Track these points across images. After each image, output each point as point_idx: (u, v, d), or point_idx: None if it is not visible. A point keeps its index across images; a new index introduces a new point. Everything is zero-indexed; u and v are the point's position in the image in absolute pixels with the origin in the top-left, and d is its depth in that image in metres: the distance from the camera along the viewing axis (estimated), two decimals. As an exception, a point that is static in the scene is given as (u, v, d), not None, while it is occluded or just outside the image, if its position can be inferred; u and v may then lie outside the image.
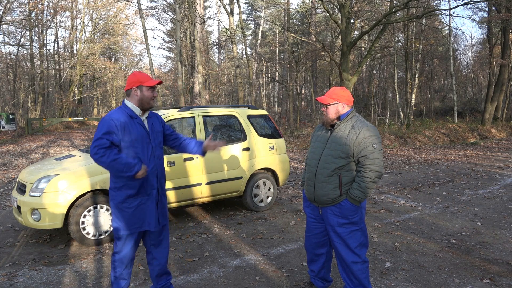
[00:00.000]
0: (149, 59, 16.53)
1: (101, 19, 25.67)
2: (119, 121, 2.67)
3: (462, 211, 5.69)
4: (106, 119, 2.67)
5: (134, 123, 2.74)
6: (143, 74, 2.81)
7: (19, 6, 20.43)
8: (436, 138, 16.57)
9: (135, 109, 2.78)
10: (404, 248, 4.20)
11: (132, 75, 2.81)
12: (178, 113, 5.16)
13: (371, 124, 2.85)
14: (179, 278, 3.52)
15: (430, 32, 21.89)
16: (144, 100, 2.77)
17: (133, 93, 2.77)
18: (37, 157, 11.39)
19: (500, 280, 3.41)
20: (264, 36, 33.81)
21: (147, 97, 2.77)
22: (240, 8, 17.44)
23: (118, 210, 2.76)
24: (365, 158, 2.71)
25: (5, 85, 25.03)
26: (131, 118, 2.74)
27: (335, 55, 20.12)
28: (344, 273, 2.91)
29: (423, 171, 9.20)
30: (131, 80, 2.77)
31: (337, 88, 2.91)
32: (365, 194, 2.74)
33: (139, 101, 2.77)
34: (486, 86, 23.78)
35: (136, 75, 2.79)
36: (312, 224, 3.06)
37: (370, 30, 14.57)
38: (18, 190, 4.51)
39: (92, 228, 4.35)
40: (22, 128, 17.35)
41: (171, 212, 5.79)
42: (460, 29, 41.23)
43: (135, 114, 2.77)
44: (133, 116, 2.75)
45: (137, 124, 2.75)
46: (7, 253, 4.24)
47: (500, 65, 19.38)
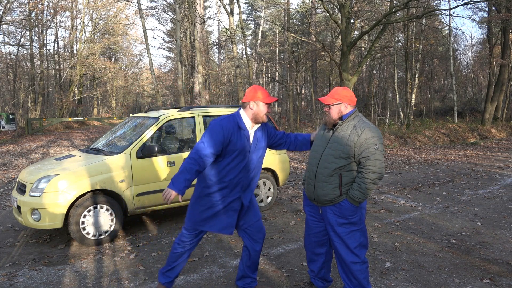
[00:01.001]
0: (149, 59, 16.53)
1: (101, 19, 25.67)
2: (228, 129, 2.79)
3: (462, 211, 5.70)
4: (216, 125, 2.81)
5: (241, 135, 2.83)
6: (263, 90, 2.88)
7: (19, 6, 20.43)
8: (436, 138, 16.57)
9: (246, 121, 2.89)
10: (404, 248, 4.20)
11: (252, 89, 2.89)
12: (178, 113, 5.16)
13: (373, 125, 2.84)
14: (179, 278, 3.52)
15: (430, 32, 21.89)
16: (260, 114, 2.87)
17: (249, 106, 2.86)
18: (37, 157, 11.39)
19: (500, 280, 3.41)
20: (264, 36, 33.81)
21: (262, 112, 2.86)
22: (240, 8, 17.44)
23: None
24: (366, 159, 2.71)
25: (5, 85, 25.02)
26: (239, 129, 2.84)
27: (335, 55, 20.11)
28: (343, 273, 2.91)
29: (423, 171, 9.20)
30: (250, 94, 2.87)
31: (339, 88, 2.90)
32: (365, 195, 2.74)
33: (254, 114, 2.87)
34: (486, 86, 23.79)
35: (256, 90, 2.87)
36: (312, 223, 3.06)
37: (370, 30, 14.57)
38: (18, 190, 4.52)
39: (92, 228, 4.35)
40: (22, 128, 17.34)
41: (171, 212, 5.79)
42: (460, 29, 41.28)
43: (244, 126, 2.86)
44: (242, 127, 2.85)
45: (243, 137, 2.84)
46: (7, 253, 4.24)
47: (500, 65, 19.38)
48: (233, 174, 2.84)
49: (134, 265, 3.84)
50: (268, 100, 2.85)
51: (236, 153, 2.81)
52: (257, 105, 2.84)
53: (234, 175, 2.84)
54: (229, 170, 2.83)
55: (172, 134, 5.45)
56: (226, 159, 2.82)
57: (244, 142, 2.83)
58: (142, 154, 4.64)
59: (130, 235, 4.76)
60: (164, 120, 4.99)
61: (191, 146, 5.27)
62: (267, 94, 2.88)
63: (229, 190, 2.87)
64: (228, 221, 2.91)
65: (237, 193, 2.89)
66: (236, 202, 2.91)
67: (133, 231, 4.92)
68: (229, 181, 2.85)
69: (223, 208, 2.88)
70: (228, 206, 2.89)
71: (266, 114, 2.89)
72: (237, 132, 2.81)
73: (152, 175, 4.72)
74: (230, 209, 2.90)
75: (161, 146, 5.05)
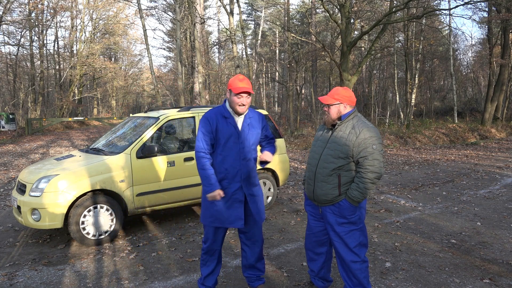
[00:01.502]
0: (149, 59, 16.53)
1: (101, 19, 25.66)
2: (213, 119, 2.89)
3: (462, 211, 5.69)
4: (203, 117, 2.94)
5: (226, 123, 2.90)
6: (235, 78, 2.89)
7: (19, 6, 20.43)
8: (436, 138, 16.57)
9: (229, 109, 2.94)
10: (404, 248, 4.20)
11: (231, 79, 2.93)
12: (178, 113, 5.16)
13: (372, 124, 2.84)
14: (179, 278, 3.52)
15: (430, 32, 21.88)
16: (231, 104, 2.90)
17: (227, 94, 2.94)
18: (37, 157, 11.39)
19: (500, 280, 3.41)
20: (264, 36, 33.80)
21: (232, 102, 2.88)
22: (240, 8, 17.43)
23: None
24: (364, 159, 2.71)
25: (5, 85, 25.01)
26: (224, 118, 2.90)
27: (335, 55, 20.11)
28: (343, 273, 2.91)
29: (423, 171, 9.20)
30: (228, 83, 2.92)
31: (339, 88, 2.90)
32: (363, 195, 2.74)
33: (229, 103, 2.92)
34: (486, 86, 23.78)
35: (231, 78, 2.91)
36: (313, 222, 3.07)
37: (370, 30, 14.57)
38: (18, 190, 4.52)
39: (92, 228, 4.35)
40: (22, 128, 17.34)
41: (171, 212, 5.79)
42: (460, 29, 41.29)
43: (229, 114, 2.91)
44: (226, 116, 2.91)
45: (229, 124, 2.89)
46: (7, 253, 4.24)
47: (500, 65, 19.38)
48: (229, 162, 2.89)
49: (134, 265, 3.84)
50: (236, 90, 2.82)
51: (225, 139, 2.88)
52: (229, 94, 2.90)
53: (230, 163, 2.90)
54: (223, 158, 2.90)
55: (172, 134, 5.45)
56: (218, 149, 2.91)
57: (231, 128, 2.90)
58: (142, 154, 4.64)
59: (130, 235, 4.76)
60: (164, 120, 4.99)
61: (191, 146, 5.27)
62: (239, 83, 2.83)
63: (228, 180, 2.91)
64: (235, 214, 2.94)
65: (237, 183, 2.93)
66: (238, 193, 2.94)
67: (133, 231, 4.92)
68: (226, 170, 2.90)
69: (227, 200, 2.91)
70: (231, 198, 2.92)
71: (240, 106, 2.85)
72: (222, 120, 2.90)
73: (152, 175, 4.72)
74: (235, 201, 2.93)
75: (161, 146, 5.05)
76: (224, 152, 2.90)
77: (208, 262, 3.07)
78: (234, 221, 2.93)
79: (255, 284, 3.19)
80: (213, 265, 3.08)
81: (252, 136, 2.99)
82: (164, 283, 3.43)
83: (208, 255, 3.05)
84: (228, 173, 2.90)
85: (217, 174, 2.90)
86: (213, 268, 3.09)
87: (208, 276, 3.08)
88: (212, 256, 3.06)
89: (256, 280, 3.20)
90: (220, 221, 2.93)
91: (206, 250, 3.05)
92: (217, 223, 2.94)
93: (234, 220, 2.93)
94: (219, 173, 2.91)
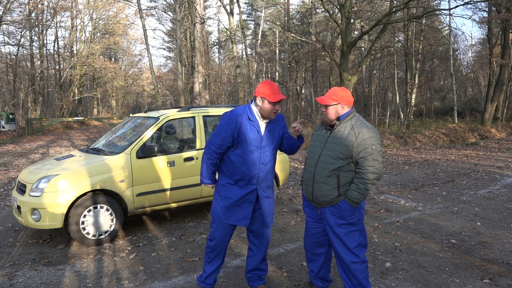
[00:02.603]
0: (149, 59, 16.53)
1: (101, 19, 25.66)
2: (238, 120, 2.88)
3: (462, 211, 5.70)
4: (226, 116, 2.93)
5: (250, 126, 2.89)
6: (270, 87, 2.87)
7: (19, 6, 20.42)
8: (436, 138, 16.57)
9: (256, 113, 2.93)
10: (404, 248, 4.20)
11: (261, 84, 2.92)
12: (178, 113, 5.16)
13: (371, 125, 2.83)
14: (179, 278, 3.52)
15: (430, 32, 21.88)
16: (264, 111, 2.90)
17: (257, 101, 2.92)
18: (37, 157, 11.39)
19: (500, 280, 3.41)
20: (264, 36, 33.79)
21: (267, 110, 2.88)
22: (240, 8, 17.44)
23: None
24: (364, 159, 2.70)
25: (5, 85, 25.00)
26: (249, 120, 2.90)
27: (335, 55, 20.11)
28: (343, 273, 2.91)
29: (423, 171, 9.20)
30: (259, 89, 2.90)
31: (337, 88, 2.90)
32: (363, 195, 2.73)
33: (260, 110, 2.92)
34: (486, 86, 23.77)
35: (264, 86, 2.89)
36: (311, 223, 3.06)
37: (370, 30, 14.56)
38: (18, 190, 4.52)
39: (92, 228, 4.35)
40: (22, 128, 17.34)
41: (171, 212, 5.79)
42: (460, 29, 41.30)
43: (254, 118, 2.91)
44: (252, 119, 2.90)
45: (252, 127, 2.89)
46: (7, 253, 4.24)
47: (500, 65, 19.38)
48: (248, 166, 2.89)
49: (134, 265, 3.84)
50: (273, 99, 2.85)
51: (247, 143, 2.87)
52: (262, 102, 2.88)
53: (249, 166, 2.89)
54: (243, 161, 2.89)
55: (172, 134, 5.46)
56: (238, 150, 2.89)
57: (254, 133, 2.88)
58: (142, 154, 4.64)
59: (130, 235, 4.76)
60: (164, 120, 4.99)
61: (191, 146, 5.27)
62: (274, 91, 2.86)
63: (245, 182, 2.92)
64: (243, 213, 2.96)
65: (253, 185, 2.94)
66: (251, 194, 2.96)
67: (133, 231, 4.92)
68: (243, 173, 2.90)
69: (239, 199, 2.93)
70: (243, 198, 2.94)
71: (275, 112, 2.91)
72: (246, 123, 2.87)
73: (152, 175, 4.72)
74: (246, 201, 2.95)
75: (161, 146, 5.05)
76: (244, 155, 2.88)
77: (213, 261, 3.08)
78: (240, 220, 2.96)
79: (255, 284, 3.20)
80: (218, 263, 3.10)
81: (273, 140, 3.00)
82: (164, 283, 3.43)
83: (214, 253, 3.06)
84: (245, 175, 2.90)
85: (235, 175, 2.91)
86: (217, 267, 3.11)
87: (211, 274, 3.10)
88: (218, 254, 3.07)
89: (258, 280, 3.20)
90: (226, 217, 2.95)
91: (212, 248, 3.05)
92: (223, 218, 2.96)
93: (240, 219, 2.96)
94: (237, 173, 2.91)
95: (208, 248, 3.07)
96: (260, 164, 2.93)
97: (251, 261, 3.18)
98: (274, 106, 2.87)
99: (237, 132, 2.85)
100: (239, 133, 2.85)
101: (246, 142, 2.86)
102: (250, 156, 2.88)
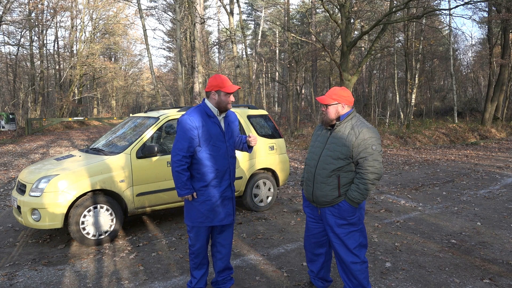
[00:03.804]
0: (149, 59, 16.53)
1: (101, 19, 25.65)
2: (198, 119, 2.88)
3: (462, 211, 5.69)
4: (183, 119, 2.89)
5: (212, 122, 2.91)
6: (223, 79, 2.92)
7: (19, 6, 20.42)
8: (436, 138, 16.57)
9: (213, 109, 2.95)
10: (404, 248, 4.20)
11: (212, 78, 2.93)
12: (178, 113, 5.16)
13: (371, 125, 2.83)
14: (179, 278, 3.52)
15: (430, 32, 21.87)
16: (222, 104, 2.93)
17: (211, 96, 2.93)
18: (37, 157, 11.39)
19: (500, 280, 3.41)
20: (264, 36, 33.79)
21: (224, 102, 2.92)
22: (240, 8, 17.44)
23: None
24: (364, 159, 2.70)
25: (5, 85, 25.00)
26: (209, 117, 2.91)
27: (335, 55, 20.10)
28: (343, 274, 2.90)
29: (423, 171, 9.20)
30: (211, 83, 2.91)
31: (337, 88, 2.90)
32: (363, 196, 2.73)
33: (217, 103, 2.93)
34: (486, 86, 23.78)
35: (216, 79, 2.91)
36: (311, 224, 3.06)
37: (370, 30, 14.56)
38: (18, 190, 4.52)
39: (92, 228, 4.35)
40: (22, 128, 17.34)
41: (171, 212, 5.79)
42: (460, 29, 41.32)
43: (213, 114, 2.94)
44: (211, 115, 2.92)
45: (214, 124, 2.91)
46: (7, 253, 4.24)
47: (500, 65, 19.37)
48: (219, 162, 2.92)
49: (134, 265, 3.84)
50: (228, 90, 2.90)
51: (213, 140, 2.90)
52: (218, 95, 2.92)
53: (220, 162, 2.92)
54: (213, 158, 2.90)
55: (172, 134, 5.45)
56: (206, 148, 2.89)
57: (216, 128, 2.93)
58: (142, 154, 4.64)
59: (130, 235, 4.76)
60: (164, 120, 4.99)
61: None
62: (228, 83, 2.92)
63: (218, 180, 2.93)
64: (225, 211, 2.99)
65: (227, 180, 2.98)
66: (228, 190, 3.00)
67: (133, 231, 4.92)
68: (216, 170, 2.91)
69: (218, 199, 2.94)
70: (222, 196, 2.96)
71: (230, 104, 2.95)
72: (207, 120, 2.91)
73: (152, 175, 4.72)
74: (225, 199, 2.98)
75: (161, 146, 5.05)
76: (213, 152, 2.90)
77: (200, 265, 3.08)
78: (225, 218, 2.98)
79: (227, 285, 3.20)
80: (205, 267, 3.11)
81: (233, 133, 3.07)
82: (164, 283, 3.43)
83: (199, 258, 3.05)
84: (218, 172, 2.93)
85: (207, 175, 2.90)
86: (205, 270, 3.12)
87: (201, 278, 3.09)
88: (204, 258, 3.07)
89: (229, 281, 3.22)
90: (210, 219, 2.94)
91: (196, 254, 3.04)
92: (207, 222, 2.94)
93: (224, 217, 2.98)
94: (210, 172, 2.91)
95: (192, 254, 3.05)
96: (230, 157, 2.99)
97: (221, 262, 3.15)
98: (229, 97, 2.92)
99: (201, 130, 2.86)
100: (203, 131, 2.87)
101: (212, 139, 2.89)
102: (218, 152, 2.92)
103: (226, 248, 3.15)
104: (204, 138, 2.87)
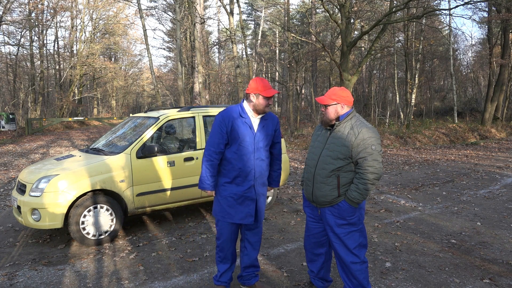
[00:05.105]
0: (149, 59, 16.53)
1: (101, 19, 25.66)
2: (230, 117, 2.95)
3: (462, 211, 5.70)
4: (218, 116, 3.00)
5: (242, 122, 2.97)
6: (264, 83, 2.95)
7: (19, 6, 20.43)
8: (436, 138, 16.57)
9: (248, 110, 3.01)
10: (404, 248, 4.20)
11: (253, 81, 2.98)
12: (178, 113, 5.16)
13: (371, 125, 2.83)
14: (179, 278, 3.52)
15: (430, 32, 21.87)
16: (259, 107, 2.97)
17: (250, 97, 2.98)
18: (37, 157, 11.39)
19: (500, 280, 3.41)
20: (264, 36, 33.79)
21: (262, 105, 2.96)
22: (240, 8, 17.43)
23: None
24: (363, 159, 2.70)
25: (5, 85, 25.00)
26: (241, 117, 2.97)
27: (335, 55, 20.10)
28: (343, 273, 2.91)
29: (423, 171, 9.20)
30: (252, 86, 2.97)
31: (336, 88, 2.90)
32: (363, 196, 2.73)
33: (254, 106, 2.98)
34: (486, 86, 23.77)
35: (257, 83, 2.95)
36: (311, 223, 3.06)
37: (370, 30, 14.56)
38: (18, 190, 4.52)
39: (92, 228, 4.35)
40: (22, 128, 17.34)
41: (171, 212, 5.79)
42: (460, 29, 41.31)
43: (246, 114, 2.99)
44: (243, 115, 2.98)
45: (244, 124, 2.95)
46: (7, 253, 4.24)
47: (500, 65, 19.38)
48: (243, 161, 2.95)
49: (134, 265, 3.84)
50: (267, 94, 2.93)
51: (240, 139, 2.94)
52: (256, 98, 2.95)
53: (244, 162, 2.95)
54: (238, 157, 2.95)
55: (172, 134, 5.46)
56: (233, 147, 2.96)
57: (247, 129, 2.96)
58: (142, 154, 4.64)
59: (130, 235, 4.76)
60: (164, 120, 4.99)
61: (191, 146, 5.27)
62: (267, 87, 2.95)
63: (241, 179, 2.97)
64: (246, 211, 3.00)
65: (251, 181, 2.99)
66: (251, 191, 3.00)
67: (133, 231, 4.92)
68: (239, 169, 2.95)
69: (239, 197, 2.98)
70: (243, 196, 2.98)
71: (268, 106, 2.99)
72: (238, 120, 2.96)
73: (152, 175, 4.72)
74: (247, 199, 3.00)
75: (161, 146, 5.05)
76: (239, 151, 2.95)
77: (225, 260, 3.14)
78: (245, 218, 3.00)
79: (252, 282, 3.23)
80: (229, 262, 3.15)
81: (266, 136, 3.07)
82: (164, 283, 3.43)
83: (223, 252, 3.11)
84: (242, 172, 2.96)
85: (231, 172, 2.97)
86: (230, 265, 3.16)
87: (225, 272, 3.15)
88: (228, 252, 3.12)
89: (254, 278, 3.25)
90: (231, 216, 2.99)
91: (221, 247, 3.11)
92: (228, 218, 3.00)
93: (244, 217, 3.00)
94: (233, 170, 2.96)
95: (217, 247, 3.14)
96: (255, 159, 2.99)
97: (247, 259, 3.20)
98: (268, 100, 2.96)
99: (230, 128, 2.93)
100: (232, 130, 2.93)
101: (239, 138, 2.94)
102: (244, 151, 2.95)
103: (253, 245, 3.18)
104: (232, 136, 2.94)
